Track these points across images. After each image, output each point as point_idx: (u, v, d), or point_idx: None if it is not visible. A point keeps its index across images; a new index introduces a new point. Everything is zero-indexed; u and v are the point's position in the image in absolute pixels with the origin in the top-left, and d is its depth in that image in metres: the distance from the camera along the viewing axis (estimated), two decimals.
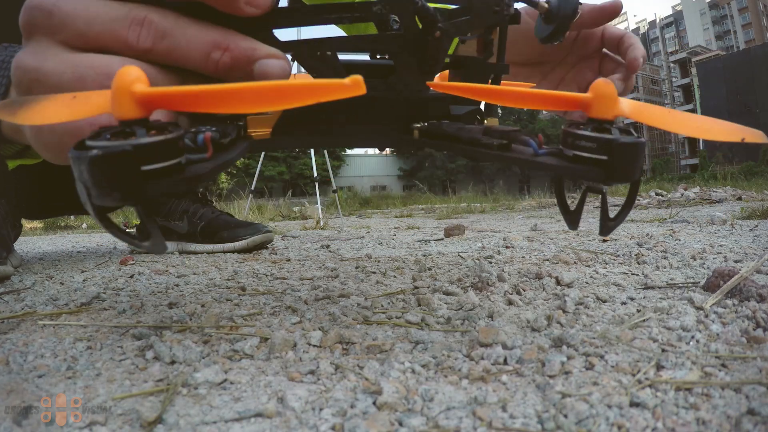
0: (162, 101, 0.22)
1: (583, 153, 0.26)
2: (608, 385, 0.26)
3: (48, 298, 0.55)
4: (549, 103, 0.28)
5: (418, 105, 0.34)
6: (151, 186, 0.22)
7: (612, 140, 0.25)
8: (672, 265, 0.63)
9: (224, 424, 0.24)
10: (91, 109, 0.23)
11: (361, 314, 0.42)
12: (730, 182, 4.88)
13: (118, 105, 0.22)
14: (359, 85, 0.21)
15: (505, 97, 0.30)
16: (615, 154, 0.25)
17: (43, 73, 0.29)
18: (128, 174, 0.21)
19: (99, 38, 0.29)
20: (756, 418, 0.22)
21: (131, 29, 0.29)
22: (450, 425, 0.23)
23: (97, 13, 0.29)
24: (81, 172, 0.21)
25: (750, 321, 0.36)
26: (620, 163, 0.25)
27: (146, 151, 0.21)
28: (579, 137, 0.26)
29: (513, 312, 0.42)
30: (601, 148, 0.25)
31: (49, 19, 0.30)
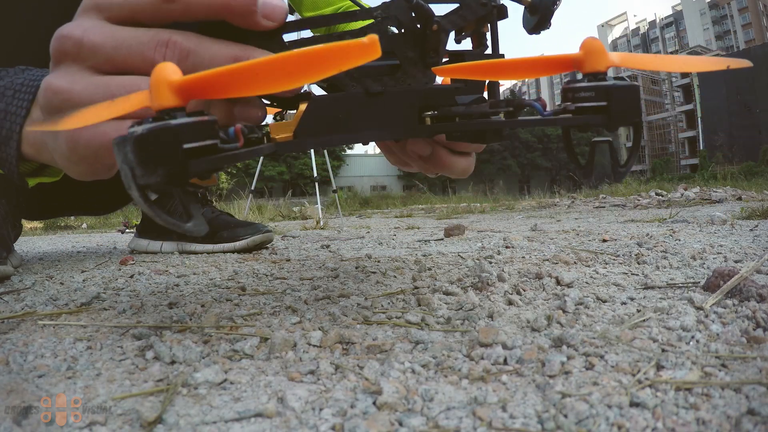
0: (196, 87, 0.24)
1: (584, 103, 0.28)
2: (608, 385, 0.26)
3: (48, 298, 0.55)
4: (546, 69, 0.29)
5: (427, 96, 0.37)
6: (193, 164, 0.23)
7: (609, 86, 0.27)
8: (672, 265, 0.63)
9: (224, 424, 0.24)
10: (130, 106, 0.25)
11: (361, 314, 0.42)
12: (730, 182, 4.88)
13: (156, 94, 0.23)
14: (375, 45, 0.22)
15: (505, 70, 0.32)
16: (613, 99, 0.27)
17: (75, 94, 0.31)
18: (171, 151, 0.22)
19: (126, 61, 0.31)
20: (756, 418, 0.22)
21: (157, 50, 0.31)
22: (450, 425, 0.23)
23: (123, 39, 0.31)
24: (126, 155, 0.22)
25: (750, 321, 0.36)
26: (619, 106, 0.27)
27: (186, 129, 0.23)
28: (578, 90, 0.28)
29: (513, 312, 0.42)
30: (600, 95, 0.28)
31: (79, 47, 0.31)
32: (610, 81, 0.28)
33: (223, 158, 0.25)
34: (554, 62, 0.29)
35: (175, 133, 0.22)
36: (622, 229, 1.25)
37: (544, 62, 0.29)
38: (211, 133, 0.24)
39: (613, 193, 4.56)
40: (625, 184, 5.42)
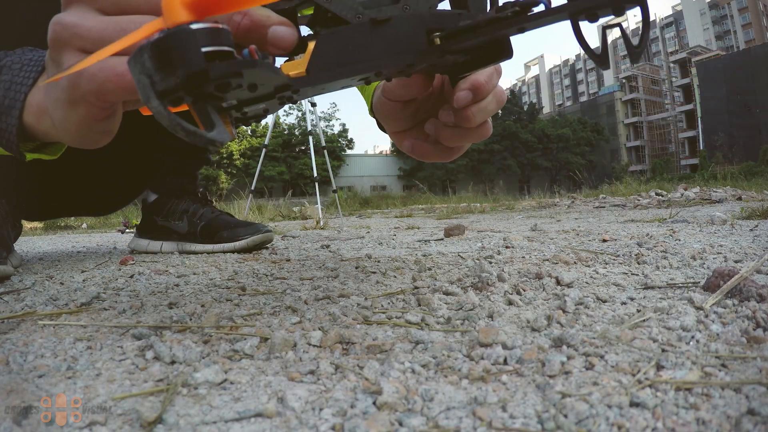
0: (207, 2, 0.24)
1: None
2: (608, 385, 0.26)
3: (48, 298, 0.55)
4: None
5: (432, 19, 0.37)
6: (212, 66, 0.23)
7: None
8: (672, 265, 0.63)
9: (224, 424, 0.24)
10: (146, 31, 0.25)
11: (361, 314, 0.42)
12: (730, 182, 4.88)
13: (168, 11, 0.23)
14: None
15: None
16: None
17: (85, 28, 0.31)
18: (190, 52, 0.22)
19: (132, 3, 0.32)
20: (756, 418, 0.22)
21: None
22: (450, 425, 0.23)
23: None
24: (143, 63, 0.23)
25: (750, 321, 0.36)
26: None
27: (203, 33, 0.23)
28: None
29: (513, 312, 0.42)
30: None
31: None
32: None
33: (241, 63, 0.24)
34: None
35: (193, 34, 0.22)
36: (622, 229, 1.25)
37: None
38: (227, 41, 0.24)
39: (613, 193, 4.56)
40: (625, 184, 5.42)
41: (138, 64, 0.23)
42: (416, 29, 0.37)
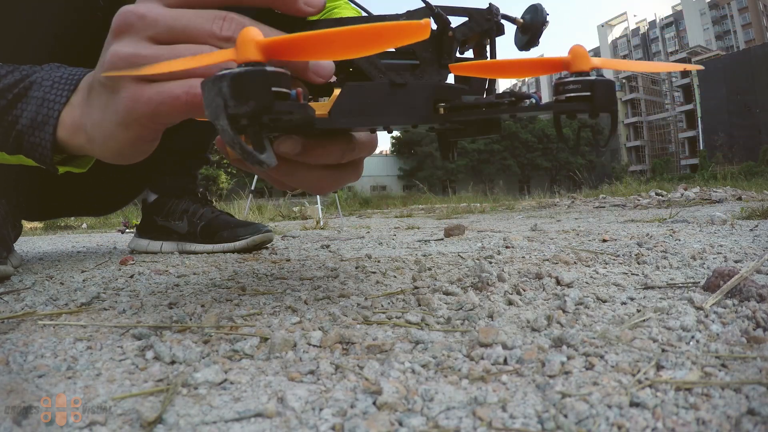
0: (276, 48, 0.28)
1: (572, 94, 0.34)
2: (608, 385, 0.26)
3: (48, 298, 0.55)
4: (541, 69, 0.36)
5: (440, 91, 0.43)
6: (277, 103, 0.28)
7: (591, 80, 0.33)
8: (672, 265, 0.63)
9: (224, 424, 0.24)
10: (216, 59, 0.29)
11: (361, 314, 0.42)
12: (730, 182, 4.88)
13: (243, 50, 0.27)
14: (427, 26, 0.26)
15: (507, 69, 0.38)
16: (595, 90, 0.33)
17: (142, 57, 0.34)
18: (262, 89, 0.27)
19: (185, 32, 0.34)
20: (756, 418, 0.22)
21: (215, 22, 0.34)
22: (450, 425, 0.23)
23: (183, 14, 0.34)
24: (220, 89, 0.27)
25: (750, 321, 0.36)
26: (600, 96, 0.33)
27: (275, 76, 0.27)
28: (568, 83, 0.34)
29: (513, 312, 0.42)
30: (585, 87, 0.34)
31: (142, 19, 0.34)
32: (593, 76, 0.34)
33: (297, 105, 0.29)
34: (548, 63, 0.35)
35: (268, 75, 0.27)
36: (622, 229, 1.25)
37: (539, 63, 0.35)
38: (287, 84, 0.29)
39: (613, 193, 4.56)
40: (625, 184, 5.42)
41: (215, 87, 0.27)
42: (426, 97, 0.42)
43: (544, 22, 0.49)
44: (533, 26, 0.49)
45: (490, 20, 0.46)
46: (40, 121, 0.40)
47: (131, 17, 0.35)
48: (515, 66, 0.37)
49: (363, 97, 0.40)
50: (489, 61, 0.39)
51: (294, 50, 0.28)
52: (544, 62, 0.35)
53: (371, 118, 0.40)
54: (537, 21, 0.49)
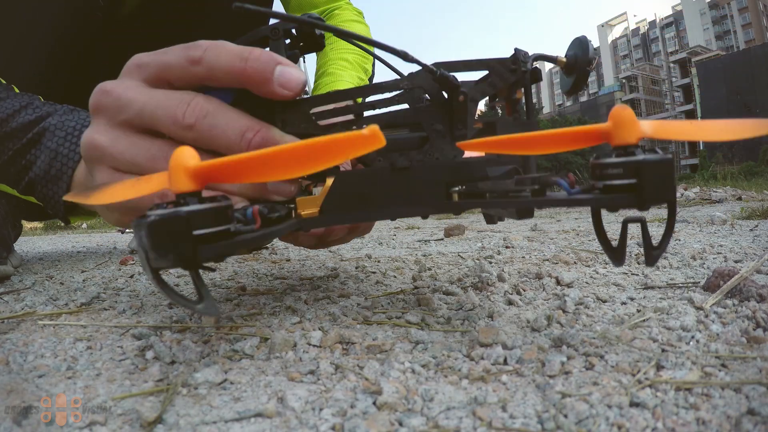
0: (210, 173, 0.25)
1: (612, 181, 0.26)
2: (608, 385, 0.26)
3: (48, 298, 0.55)
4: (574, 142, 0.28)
5: (455, 171, 0.36)
6: (203, 249, 0.24)
7: (637, 161, 0.25)
8: (672, 265, 0.63)
9: (224, 424, 0.24)
10: (152, 187, 0.27)
11: (361, 314, 0.42)
12: (730, 182, 4.88)
13: (174, 180, 0.24)
14: (377, 135, 0.22)
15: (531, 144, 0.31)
16: (643, 175, 0.25)
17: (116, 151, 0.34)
18: (182, 237, 0.23)
19: (153, 116, 0.34)
20: (756, 418, 0.22)
21: (179, 107, 0.33)
22: (450, 425, 0.23)
23: (152, 96, 0.34)
24: (141, 238, 0.24)
25: (750, 321, 0.36)
26: (650, 183, 0.25)
27: (197, 216, 0.24)
28: (605, 166, 0.27)
29: (513, 312, 0.42)
30: (629, 171, 0.26)
31: (117, 102, 0.34)
32: (640, 155, 0.26)
33: (235, 244, 0.25)
34: (582, 134, 0.27)
35: (186, 220, 0.23)
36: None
37: (572, 134, 0.28)
38: (224, 219, 0.25)
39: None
40: None
41: (137, 235, 0.24)
42: (437, 181, 0.35)
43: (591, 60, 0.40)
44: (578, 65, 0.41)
45: (516, 71, 0.37)
46: (54, 175, 0.41)
47: (106, 99, 0.35)
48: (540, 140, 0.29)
49: (359, 187, 0.35)
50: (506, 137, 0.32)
51: (230, 174, 0.25)
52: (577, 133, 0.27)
53: (370, 212, 0.35)
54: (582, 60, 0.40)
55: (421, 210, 0.36)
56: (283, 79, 0.32)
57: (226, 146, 0.34)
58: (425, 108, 0.37)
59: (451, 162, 0.36)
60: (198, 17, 0.81)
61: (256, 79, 0.33)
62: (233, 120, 0.33)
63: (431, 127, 0.36)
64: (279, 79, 0.32)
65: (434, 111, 0.36)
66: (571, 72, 0.42)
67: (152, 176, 0.28)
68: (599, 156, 0.28)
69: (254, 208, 0.28)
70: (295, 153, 0.23)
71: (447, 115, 0.36)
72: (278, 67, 0.32)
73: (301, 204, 0.35)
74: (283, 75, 0.32)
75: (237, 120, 0.33)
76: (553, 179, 0.30)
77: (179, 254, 0.23)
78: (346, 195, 0.35)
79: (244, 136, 0.33)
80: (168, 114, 0.33)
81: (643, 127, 0.26)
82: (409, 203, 0.35)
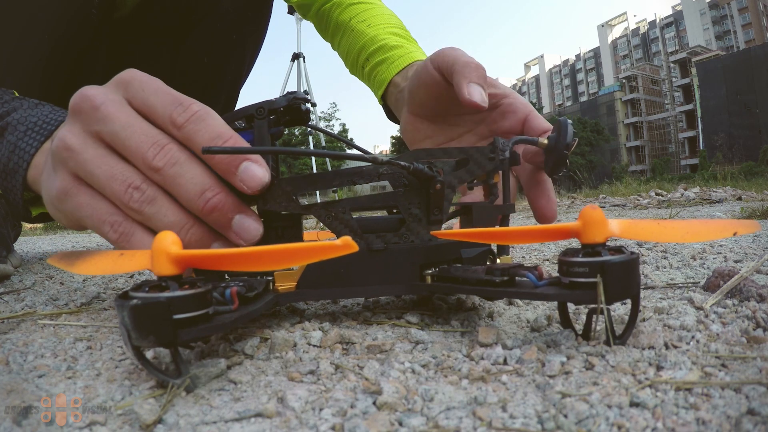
0: (191, 261, 0.26)
1: (578, 279, 0.28)
2: (608, 385, 0.26)
3: (48, 298, 0.55)
4: (544, 237, 0.30)
5: (430, 252, 0.38)
6: (182, 332, 0.25)
7: (603, 262, 0.27)
8: (672, 265, 0.63)
9: (224, 424, 0.24)
10: (134, 265, 0.29)
11: (361, 314, 0.42)
12: (730, 182, 4.88)
13: (156, 263, 0.26)
14: (350, 245, 0.24)
15: (503, 237, 0.34)
16: (608, 275, 0.27)
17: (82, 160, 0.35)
18: (162, 321, 0.25)
19: (126, 144, 0.34)
20: (756, 418, 0.22)
21: (152, 147, 0.34)
22: (450, 425, 0.23)
23: (132, 123, 0.34)
24: (123, 317, 0.25)
25: (750, 321, 0.36)
26: (615, 282, 0.27)
27: (178, 302, 0.25)
28: (572, 264, 0.28)
29: (513, 312, 0.42)
30: (594, 270, 0.27)
31: (95, 111, 0.35)
32: (605, 256, 0.27)
33: (213, 327, 0.27)
34: (553, 231, 0.29)
35: (166, 305, 0.25)
36: None
37: (543, 231, 0.29)
38: (202, 304, 0.27)
39: (613, 193, 4.56)
40: (625, 184, 5.42)
41: (120, 314, 0.25)
42: (412, 263, 0.38)
43: (569, 144, 0.42)
44: (557, 148, 0.42)
45: (494, 159, 0.39)
46: (12, 168, 0.41)
47: (86, 105, 0.35)
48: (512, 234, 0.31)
49: (336, 265, 0.36)
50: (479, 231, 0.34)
51: (213, 263, 0.27)
52: (548, 230, 0.29)
53: (345, 290, 0.37)
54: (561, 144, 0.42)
55: (395, 290, 0.38)
56: (245, 176, 0.34)
57: (186, 199, 0.35)
58: (403, 193, 0.38)
59: (426, 245, 0.38)
60: (192, 21, 0.81)
61: (221, 169, 0.34)
62: (198, 176, 0.34)
63: (408, 210, 0.38)
64: (241, 175, 0.34)
65: (412, 195, 0.38)
66: (551, 154, 0.43)
67: (135, 254, 0.30)
68: (567, 253, 0.29)
69: (232, 289, 0.30)
70: (274, 254, 0.25)
71: (423, 201, 0.38)
72: (243, 165, 0.34)
73: (278, 278, 0.37)
74: (246, 173, 0.34)
75: (201, 176, 0.34)
76: (521, 271, 0.32)
77: (159, 336, 0.25)
78: (323, 272, 0.36)
79: (204, 194, 0.34)
80: (139, 150, 0.34)
81: (612, 227, 0.27)
82: (384, 283, 0.37)
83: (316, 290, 0.37)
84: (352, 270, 0.37)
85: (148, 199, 0.34)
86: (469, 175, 0.39)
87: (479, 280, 0.34)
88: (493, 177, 0.41)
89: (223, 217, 0.35)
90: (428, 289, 0.38)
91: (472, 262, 0.40)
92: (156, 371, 0.26)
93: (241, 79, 0.95)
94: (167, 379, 0.26)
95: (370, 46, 0.71)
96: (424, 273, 0.38)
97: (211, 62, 0.86)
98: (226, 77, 0.90)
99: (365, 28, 0.74)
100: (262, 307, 0.32)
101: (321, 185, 0.39)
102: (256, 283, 0.34)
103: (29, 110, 0.43)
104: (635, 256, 0.28)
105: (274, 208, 0.37)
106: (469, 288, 0.35)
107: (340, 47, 0.81)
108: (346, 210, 0.38)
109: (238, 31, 0.85)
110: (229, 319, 0.28)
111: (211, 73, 0.87)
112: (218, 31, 0.84)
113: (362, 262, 0.37)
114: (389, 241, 0.38)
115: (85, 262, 0.31)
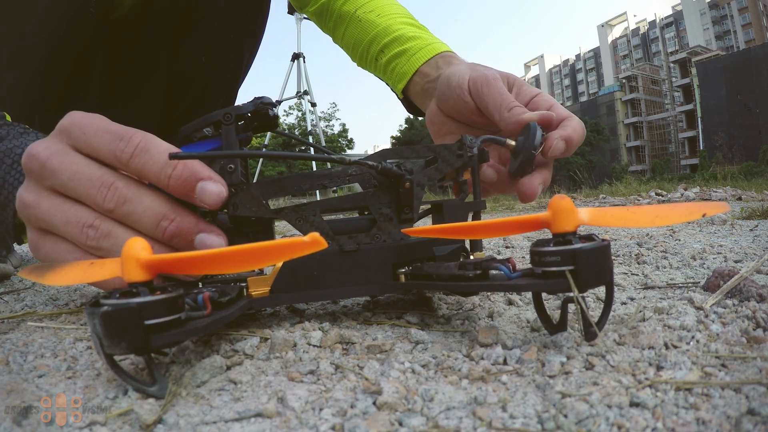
0: (161, 266, 0.26)
1: (550, 268, 0.28)
2: (608, 385, 0.26)
3: (48, 298, 0.55)
4: (515, 229, 0.30)
5: (402, 252, 0.38)
6: (155, 338, 0.25)
7: (574, 250, 0.27)
8: (672, 265, 0.63)
9: (224, 424, 0.24)
10: (104, 274, 0.29)
11: (361, 314, 0.42)
12: (730, 182, 4.88)
13: (126, 269, 0.26)
14: (318, 241, 0.24)
15: (476, 231, 0.33)
16: (580, 262, 0.27)
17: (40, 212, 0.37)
18: (134, 327, 0.25)
19: (76, 192, 0.36)
20: (756, 418, 0.22)
21: (99, 191, 0.35)
22: (450, 425, 0.23)
23: (77, 171, 0.36)
24: (94, 325, 0.25)
25: (750, 321, 0.36)
26: (587, 270, 0.27)
27: (149, 307, 0.25)
28: (543, 254, 0.28)
29: (513, 312, 0.42)
30: (566, 259, 0.27)
31: (42, 169, 0.36)
32: (576, 244, 0.27)
33: (186, 333, 0.27)
34: (523, 223, 0.29)
35: (137, 311, 0.25)
36: (622, 229, 1.25)
37: (516, 223, 0.29)
38: (174, 309, 0.26)
39: (613, 193, 4.56)
40: (625, 184, 5.42)
41: (91, 322, 0.25)
42: (384, 263, 0.38)
43: (536, 146, 0.42)
44: (524, 150, 0.43)
45: (462, 156, 0.39)
46: (2, 202, 0.43)
47: (34, 164, 0.36)
48: (486, 228, 0.31)
49: (309, 268, 0.36)
50: (452, 226, 0.33)
51: (183, 267, 0.27)
52: (519, 222, 0.29)
53: (319, 292, 0.37)
54: (528, 146, 0.43)
55: (369, 290, 0.38)
56: (203, 195, 0.35)
57: (144, 231, 0.36)
58: (372, 193, 0.38)
59: (398, 244, 0.38)
60: (190, 21, 0.81)
61: (179, 193, 0.35)
62: (150, 207, 0.35)
63: (378, 210, 0.38)
64: (199, 195, 0.35)
65: (382, 195, 0.38)
66: (517, 155, 0.44)
67: (105, 262, 0.30)
68: (538, 243, 0.29)
69: (205, 294, 0.30)
70: (243, 254, 0.25)
71: (394, 198, 0.38)
72: (199, 185, 0.35)
73: (252, 283, 0.37)
74: (203, 192, 0.35)
75: (154, 207, 0.35)
76: (494, 264, 0.32)
77: (131, 343, 0.25)
78: (296, 276, 0.36)
79: (160, 224, 0.35)
80: (89, 195, 0.35)
81: (581, 215, 0.27)
82: (358, 283, 0.37)
83: (289, 294, 0.37)
84: (325, 272, 0.37)
85: (103, 234, 0.36)
86: (439, 173, 0.39)
87: (452, 276, 0.34)
88: (462, 174, 0.41)
89: (183, 240, 0.36)
90: (402, 287, 0.38)
91: (445, 260, 0.40)
92: (130, 379, 0.26)
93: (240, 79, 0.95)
94: (142, 388, 0.26)
95: (384, 38, 0.69)
96: (397, 272, 0.38)
97: (209, 62, 0.86)
98: (224, 77, 0.90)
99: (375, 18, 0.72)
100: (235, 312, 0.32)
101: (290, 190, 0.39)
102: (230, 288, 0.35)
103: (14, 140, 0.44)
104: (606, 243, 0.29)
105: (244, 214, 0.38)
106: (443, 284, 0.35)
107: (344, 39, 0.79)
108: (317, 212, 0.38)
109: (236, 31, 0.85)
110: (201, 324, 0.28)
111: (210, 73, 0.87)
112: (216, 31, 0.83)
113: (335, 264, 0.37)
114: (361, 241, 0.38)
115: (55, 273, 0.32)
